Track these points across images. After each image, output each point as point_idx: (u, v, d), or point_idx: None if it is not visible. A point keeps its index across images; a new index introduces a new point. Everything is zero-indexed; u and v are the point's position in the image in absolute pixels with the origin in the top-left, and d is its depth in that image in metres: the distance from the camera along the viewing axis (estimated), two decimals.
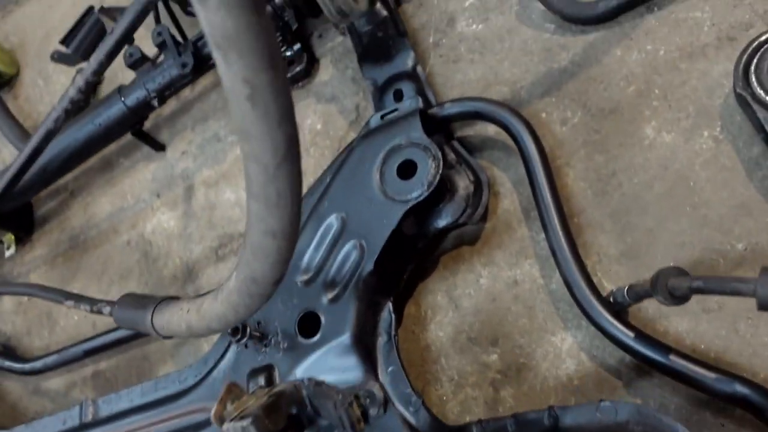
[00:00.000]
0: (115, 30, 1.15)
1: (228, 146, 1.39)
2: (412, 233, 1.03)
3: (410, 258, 1.02)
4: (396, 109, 1.05)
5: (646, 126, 0.97)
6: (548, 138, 1.04)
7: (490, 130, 1.08)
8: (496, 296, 1.00)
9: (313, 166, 1.26)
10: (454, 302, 1.03)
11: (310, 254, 1.00)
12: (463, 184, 1.02)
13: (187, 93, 1.50)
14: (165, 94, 1.37)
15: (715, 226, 0.88)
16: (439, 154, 0.95)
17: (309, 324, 0.97)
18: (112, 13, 1.36)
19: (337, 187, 1.01)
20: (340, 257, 0.97)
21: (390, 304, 0.97)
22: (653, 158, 0.95)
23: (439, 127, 1.07)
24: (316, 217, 1.01)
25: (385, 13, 1.24)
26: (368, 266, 0.94)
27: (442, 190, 1.01)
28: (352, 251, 0.96)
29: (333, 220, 0.99)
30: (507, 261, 1.01)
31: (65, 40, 1.50)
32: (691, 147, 0.93)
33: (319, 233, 1.00)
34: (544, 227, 0.94)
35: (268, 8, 1.27)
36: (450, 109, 1.05)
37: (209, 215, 1.35)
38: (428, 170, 0.94)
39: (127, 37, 1.16)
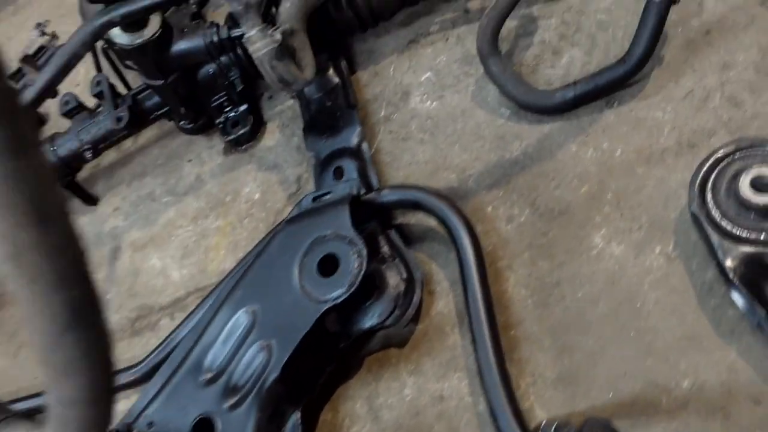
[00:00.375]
0: (37, 82, 1.06)
1: (162, 206, 1.30)
2: (335, 330, 0.93)
3: (330, 358, 0.92)
4: (329, 192, 0.95)
5: (596, 233, 0.88)
6: (492, 236, 0.95)
7: (432, 220, 0.99)
8: (420, 411, 0.90)
9: (245, 239, 1.16)
10: (374, 412, 0.92)
11: (216, 350, 0.90)
12: (394, 281, 0.93)
13: (128, 144, 1.41)
14: (99, 146, 1.28)
15: (661, 357, 0.79)
16: (365, 251, 0.86)
17: (204, 431, 0.86)
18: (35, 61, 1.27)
19: (254, 276, 0.91)
20: (245, 359, 0.87)
21: (298, 415, 0.87)
22: (600, 271, 0.86)
23: (376, 213, 0.98)
24: (228, 308, 0.91)
25: (336, 80, 1.16)
26: (274, 373, 0.84)
27: (370, 288, 0.92)
28: (259, 354, 0.86)
29: (243, 315, 0.89)
30: (435, 372, 0.91)
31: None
32: (641, 263, 0.84)
33: (228, 327, 0.90)
34: (473, 339, 0.84)
35: (214, 66, 1.19)
36: (388, 197, 0.96)
37: (132, 282, 1.25)
38: (351, 268, 0.85)
39: (49, 91, 1.07)
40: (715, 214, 0.74)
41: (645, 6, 0.89)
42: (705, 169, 0.77)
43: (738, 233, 0.72)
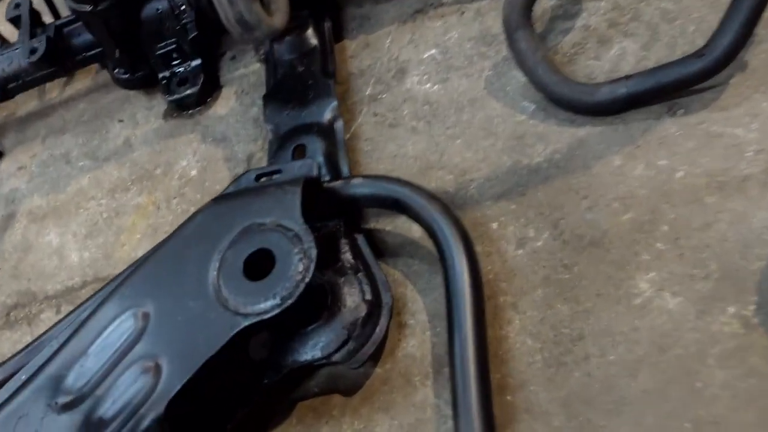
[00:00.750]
0: None
1: (76, 171, 1.02)
2: (259, 359, 0.66)
3: (247, 397, 0.65)
4: (279, 171, 0.69)
5: (642, 276, 0.63)
6: (495, 261, 0.70)
7: (416, 229, 0.73)
8: None
9: (170, 224, 0.89)
10: None
11: (84, 364, 0.62)
12: (353, 302, 0.67)
13: (54, 94, 1.15)
14: (9, 86, 1.02)
15: None
16: (314, 252, 0.59)
17: None
18: None
19: (155, 267, 0.64)
20: (122, 381, 0.60)
21: None
22: (645, 329, 0.61)
23: (341, 209, 0.72)
24: (111, 307, 0.64)
25: (315, 43, 0.91)
26: (157, 408, 0.56)
27: (317, 307, 0.66)
28: (141, 377, 0.59)
29: (129, 319, 0.62)
30: None
31: None
32: (705, 326, 0.59)
33: (105, 334, 0.63)
34: (454, 401, 0.59)
35: (164, 2, 0.93)
36: (359, 189, 0.71)
37: (19, 259, 0.97)
38: (291, 273, 0.58)
39: None
40: None
41: None
42: None
43: None
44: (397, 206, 0.69)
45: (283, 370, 0.65)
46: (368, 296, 0.67)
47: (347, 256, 0.69)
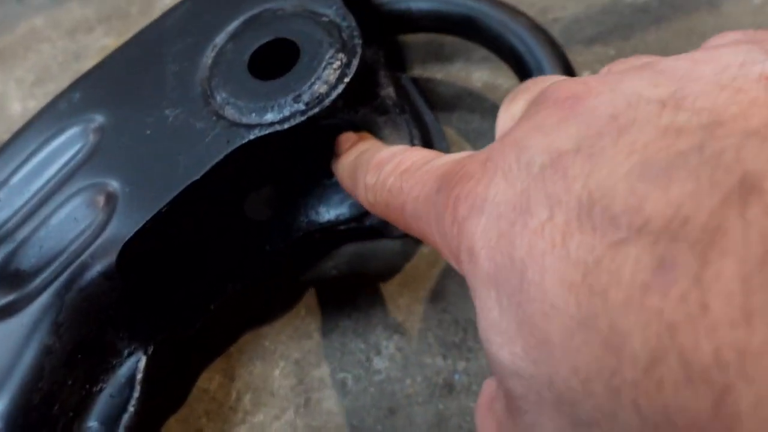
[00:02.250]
0: None
1: (29, 10, 0.81)
2: (262, 220, 0.47)
3: (239, 271, 0.46)
4: None
5: None
6: None
7: (477, 77, 0.54)
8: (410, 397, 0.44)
9: None
10: (315, 390, 0.46)
11: (2, 197, 0.42)
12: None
13: None
14: None
15: None
16: (358, 44, 0.40)
17: None
18: None
19: (117, 67, 0.44)
20: (57, 217, 0.39)
21: (143, 360, 0.40)
22: None
23: (385, 30, 0.52)
24: (48, 121, 0.43)
25: None
26: (105, 254, 0.37)
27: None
28: (85, 210, 0.39)
29: (75, 133, 0.42)
30: (440, 340, 0.45)
31: None
32: None
33: (39, 155, 0.42)
34: None
35: None
36: (414, 1, 0.51)
37: None
38: (321, 68, 0.38)
39: None
40: None
41: None
42: None
43: None
44: (468, 27, 0.49)
45: (293, 235, 0.46)
46: (417, 141, 0.47)
47: (389, 92, 0.50)
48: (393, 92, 0.50)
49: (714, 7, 0.54)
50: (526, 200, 0.19)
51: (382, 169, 0.32)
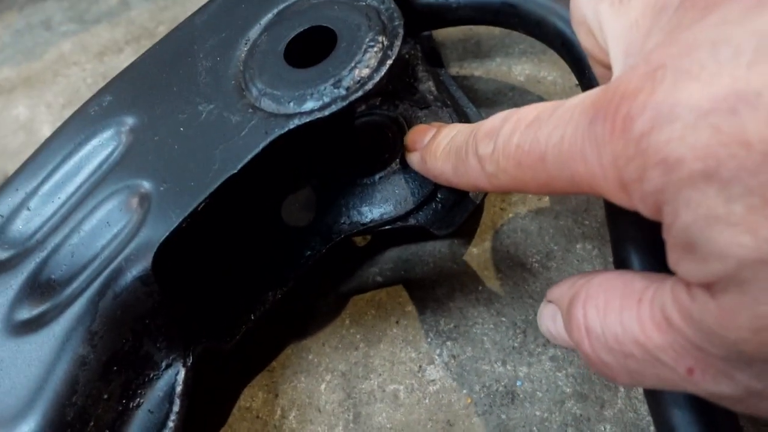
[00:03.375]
0: None
1: (57, 37, 0.81)
2: (299, 226, 0.44)
3: (279, 277, 0.43)
4: None
5: None
6: None
7: (518, 71, 0.52)
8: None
9: None
10: (353, 408, 0.43)
11: (32, 205, 0.40)
12: None
13: None
14: None
15: None
16: (400, 28, 0.37)
17: None
18: None
19: (149, 67, 0.42)
20: (89, 223, 0.37)
21: (182, 373, 0.37)
22: None
23: (421, 25, 0.50)
24: (80, 121, 0.41)
25: None
26: (141, 257, 0.34)
27: (389, 146, 0.44)
28: (118, 214, 0.37)
29: (108, 136, 0.40)
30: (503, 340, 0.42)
31: None
32: None
33: (69, 162, 0.40)
34: None
35: None
36: None
37: None
38: (362, 51, 0.36)
39: None
40: None
41: None
42: None
43: None
44: (509, 14, 0.46)
45: (333, 238, 0.43)
46: None
47: (428, 86, 0.48)
48: (433, 86, 0.48)
49: None
50: (746, 87, 0.18)
51: (499, 134, 0.29)
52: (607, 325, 0.25)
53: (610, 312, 0.25)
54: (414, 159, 0.39)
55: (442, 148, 0.35)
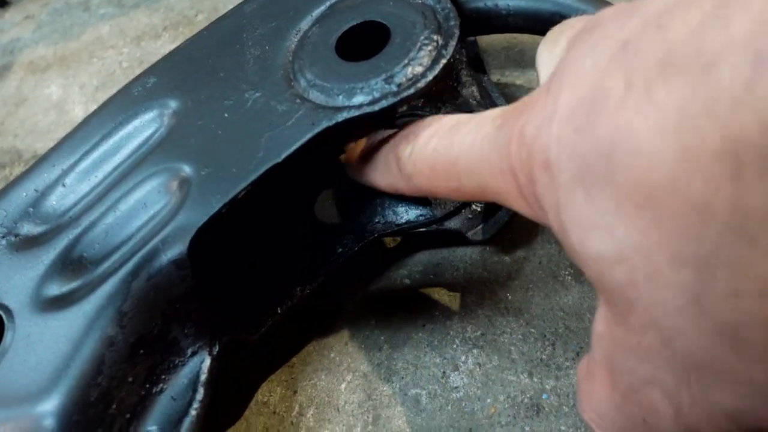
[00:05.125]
0: None
1: (95, 19, 0.81)
2: (334, 223, 0.44)
3: (309, 273, 0.43)
4: None
5: None
6: None
7: None
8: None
9: None
10: (372, 410, 0.42)
11: (68, 182, 0.40)
12: None
13: None
14: None
15: None
16: (455, 28, 0.37)
17: None
18: None
19: (196, 51, 0.42)
20: (126, 202, 0.37)
21: (207, 361, 0.37)
22: None
23: (468, 31, 0.49)
24: (123, 101, 0.41)
25: None
26: (177, 240, 0.34)
27: None
28: (156, 195, 0.36)
29: (151, 117, 0.40)
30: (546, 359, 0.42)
31: None
32: None
33: (110, 140, 0.40)
34: None
35: None
36: None
37: (8, 113, 0.75)
38: (415, 48, 0.36)
39: None
40: None
41: None
42: None
43: None
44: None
45: (366, 237, 0.43)
46: None
47: (471, 91, 0.47)
48: (476, 92, 0.47)
49: None
50: (599, 87, 0.19)
51: (419, 136, 0.31)
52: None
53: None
54: (349, 170, 0.39)
55: (376, 156, 0.36)
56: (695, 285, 0.17)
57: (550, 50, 0.28)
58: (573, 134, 0.20)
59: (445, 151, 0.28)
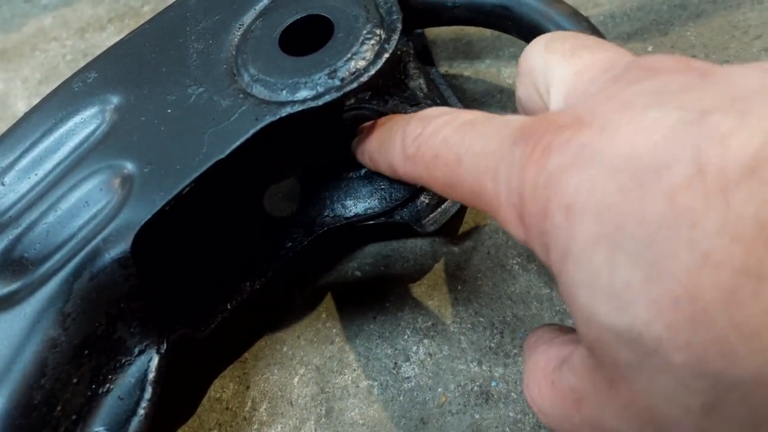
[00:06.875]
0: None
1: (37, 10, 0.79)
2: (282, 216, 0.44)
3: (257, 268, 0.42)
4: None
5: None
6: None
7: (508, 74, 0.52)
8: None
9: None
10: (326, 403, 0.42)
11: (8, 180, 0.39)
12: None
13: None
14: None
15: None
16: (398, 22, 0.37)
17: None
18: None
19: (136, 46, 0.41)
20: (68, 200, 0.36)
21: (155, 360, 0.36)
22: None
23: (413, 24, 0.50)
24: (61, 100, 0.40)
25: None
26: (120, 239, 0.33)
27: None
28: (99, 193, 0.36)
29: (92, 114, 0.39)
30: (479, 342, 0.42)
31: None
32: None
33: (51, 136, 0.39)
34: None
35: None
36: None
37: None
38: (358, 42, 0.36)
39: None
40: None
41: None
42: None
43: None
44: (503, 17, 0.46)
45: (316, 231, 0.43)
46: None
47: (419, 83, 0.47)
48: (424, 84, 0.47)
49: (758, 2, 0.51)
50: (664, 154, 0.17)
51: (432, 121, 0.29)
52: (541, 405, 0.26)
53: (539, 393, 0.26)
54: (354, 145, 0.39)
55: (378, 133, 0.35)
56: (714, 398, 0.16)
57: (567, 62, 0.26)
58: (616, 192, 0.18)
59: (453, 145, 0.27)
